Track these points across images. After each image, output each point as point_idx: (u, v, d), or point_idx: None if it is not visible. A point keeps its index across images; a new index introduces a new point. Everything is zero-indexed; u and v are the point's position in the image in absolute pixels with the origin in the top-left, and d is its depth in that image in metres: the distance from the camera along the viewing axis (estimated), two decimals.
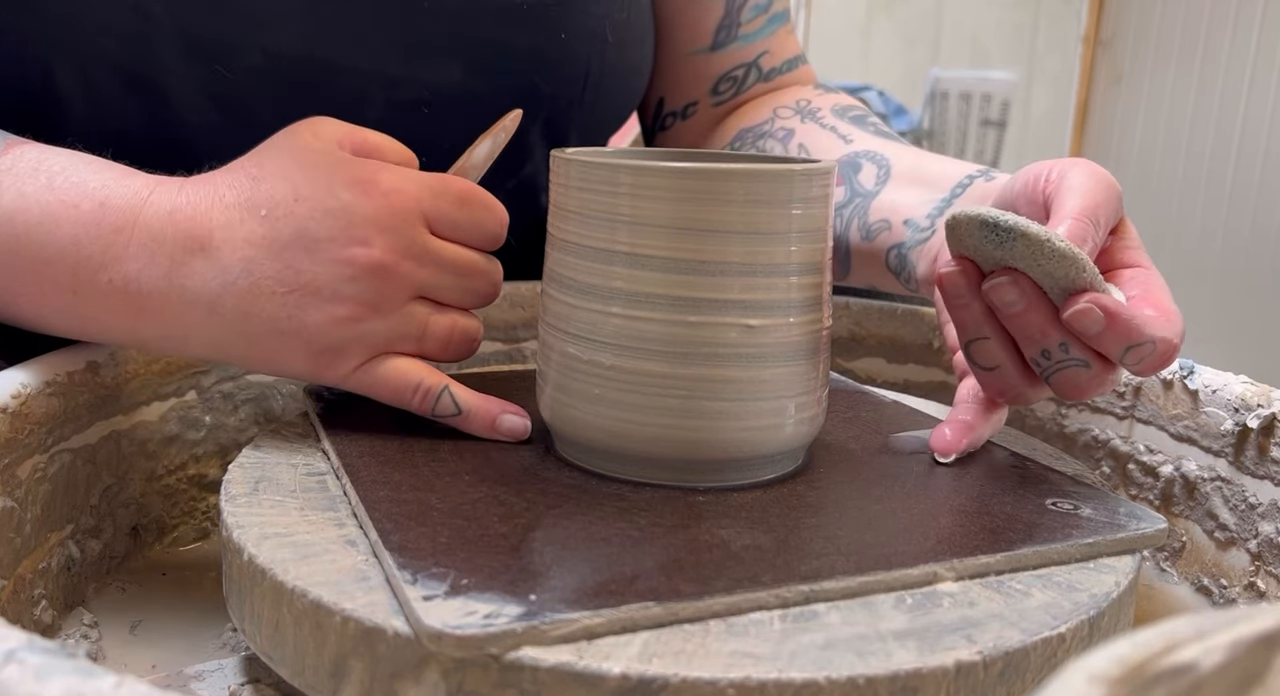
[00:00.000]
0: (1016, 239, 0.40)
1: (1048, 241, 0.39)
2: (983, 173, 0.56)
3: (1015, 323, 0.42)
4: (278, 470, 0.44)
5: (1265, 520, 0.48)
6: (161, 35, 0.53)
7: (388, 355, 0.46)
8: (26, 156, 0.45)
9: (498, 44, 0.60)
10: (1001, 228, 0.40)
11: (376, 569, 0.36)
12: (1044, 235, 0.39)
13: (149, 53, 0.53)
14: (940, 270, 0.43)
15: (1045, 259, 0.40)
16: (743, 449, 0.42)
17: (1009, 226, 0.40)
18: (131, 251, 0.43)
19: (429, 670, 0.31)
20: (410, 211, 0.45)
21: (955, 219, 0.41)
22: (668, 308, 0.41)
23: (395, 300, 0.45)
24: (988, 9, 3.38)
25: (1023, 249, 0.40)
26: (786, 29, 0.74)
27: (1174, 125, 2.83)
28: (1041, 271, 0.40)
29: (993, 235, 0.40)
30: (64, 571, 0.46)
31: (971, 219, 0.41)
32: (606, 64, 0.64)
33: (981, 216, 0.40)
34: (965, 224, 0.41)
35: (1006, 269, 0.41)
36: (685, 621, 0.33)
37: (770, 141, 0.69)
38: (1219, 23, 2.68)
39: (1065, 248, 0.39)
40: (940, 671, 0.31)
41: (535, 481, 0.43)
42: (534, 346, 0.66)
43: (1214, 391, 0.51)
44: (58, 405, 0.45)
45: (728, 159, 0.50)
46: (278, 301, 0.43)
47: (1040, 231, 0.39)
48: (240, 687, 0.41)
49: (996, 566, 0.37)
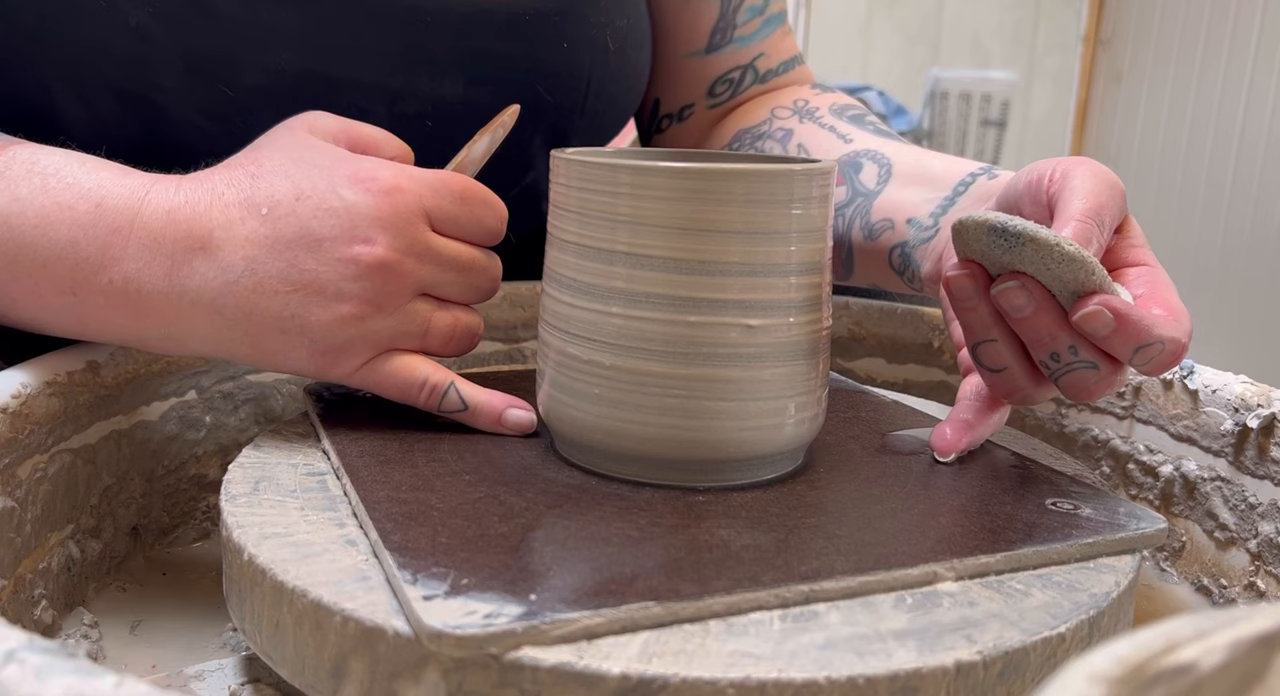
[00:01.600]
0: (1025, 243, 0.40)
1: (1056, 246, 0.39)
2: (985, 170, 0.56)
3: (1024, 326, 0.42)
4: (278, 470, 0.44)
5: (1265, 520, 0.48)
6: (162, 56, 0.52)
7: (392, 352, 0.46)
8: (20, 158, 0.45)
9: (500, 55, 0.60)
10: (1010, 232, 0.40)
11: (376, 569, 0.36)
12: (1053, 239, 0.39)
13: (149, 74, 0.53)
14: (947, 273, 0.43)
15: (1054, 263, 0.40)
16: (743, 449, 0.42)
17: (1017, 231, 0.40)
18: (130, 252, 0.43)
19: (429, 670, 0.31)
20: (412, 209, 0.45)
21: (962, 223, 0.41)
22: (668, 308, 0.41)
23: (398, 298, 0.45)
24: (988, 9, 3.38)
25: (1031, 253, 0.40)
26: (783, 30, 0.74)
27: (1174, 125, 2.83)
28: (1050, 275, 0.40)
29: (1000, 240, 0.40)
30: (64, 571, 0.46)
31: (979, 224, 0.41)
32: (608, 71, 0.64)
33: (989, 221, 0.40)
34: (972, 228, 0.41)
35: (1014, 273, 0.41)
36: (685, 621, 0.33)
37: (769, 142, 0.69)
38: (1219, 23, 2.68)
39: (1074, 251, 0.39)
40: (940, 671, 0.31)
41: (535, 481, 0.43)
42: (534, 346, 0.66)
43: (1214, 391, 0.51)
44: (58, 405, 0.45)
45: (728, 159, 0.50)
46: (281, 300, 0.43)
47: (1049, 236, 0.39)
48: (240, 687, 0.41)
49: (996, 566, 0.37)
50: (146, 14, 0.51)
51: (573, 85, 0.63)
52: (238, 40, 0.53)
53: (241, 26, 0.53)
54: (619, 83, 0.66)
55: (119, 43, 0.52)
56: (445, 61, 0.58)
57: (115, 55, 0.52)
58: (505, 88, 0.60)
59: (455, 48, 0.58)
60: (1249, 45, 2.60)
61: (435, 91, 0.58)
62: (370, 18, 0.56)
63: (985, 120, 3.05)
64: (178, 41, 0.52)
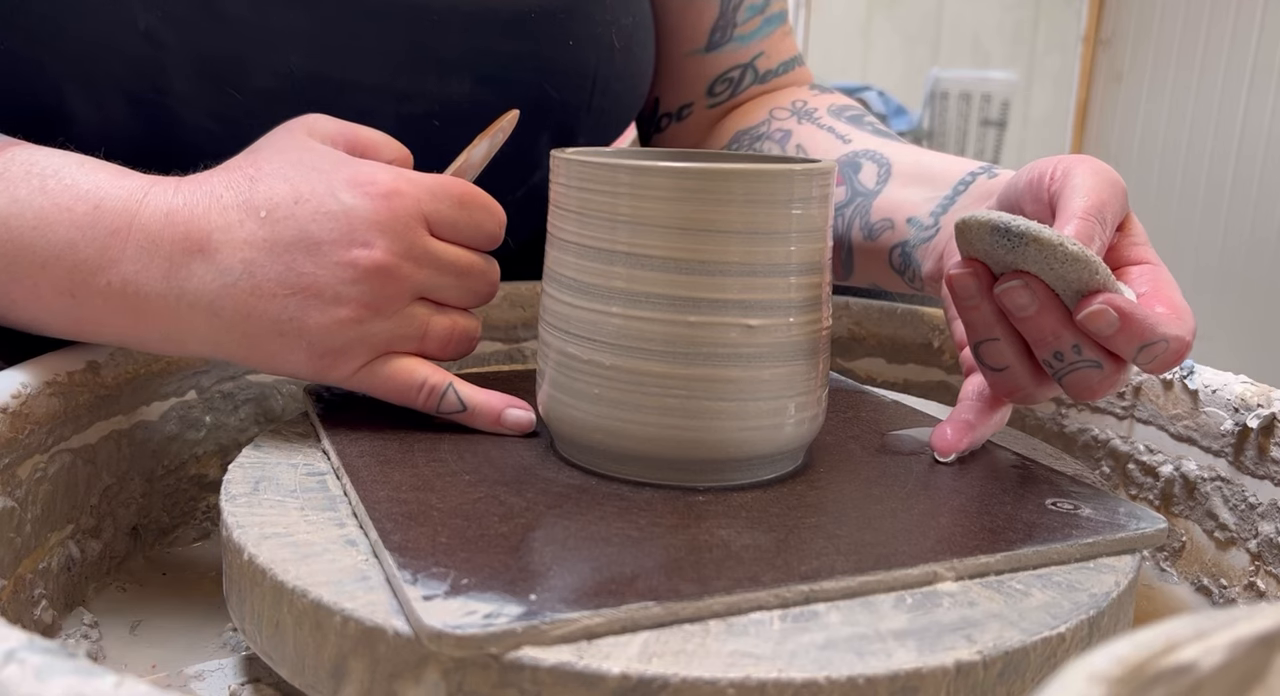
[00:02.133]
0: (1028, 243, 0.40)
1: (1060, 245, 0.39)
2: (985, 169, 0.56)
3: (1027, 325, 0.42)
4: (278, 470, 0.44)
5: (1265, 520, 0.48)
6: (172, 60, 0.53)
7: (390, 355, 0.46)
8: (18, 159, 0.45)
9: (506, 54, 0.60)
10: (1013, 233, 0.40)
11: (376, 569, 0.36)
12: (1056, 239, 0.39)
13: (160, 77, 0.53)
14: (950, 271, 0.43)
15: (1058, 262, 0.39)
16: (743, 449, 0.42)
17: (1020, 231, 0.40)
18: (129, 253, 0.43)
19: (429, 670, 0.31)
20: (410, 213, 0.45)
21: (965, 223, 0.41)
22: (668, 307, 0.41)
23: (396, 301, 0.45)
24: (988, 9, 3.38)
25: (1034, 253, 0.40)
26: (783, 30, 0.74)
27: (1174, 125, 2.83)
28: (1054, 275, 0.40)
29: (1004, 240, 0.40)
30: (64, 571, 0.46)
31: (982, 224, 0.41)
32: (613, 69, 0.64)
33: (992, 221, 0.40)
34: (975, 228, 0.41)
35: (1017, 272, 0.41)
36: (685, 621, 0.33)
37: (767, 143, 0.69)
38: (1219, 23, 2.68)
39: (1078, 251, 0.39)
40: (940, 671, 0.31)
41: (535, 481, 0.43)
42: (534, 346, 0.66)
43: (1214, 391, 0.51)
44: (58, 405, 0.45)
45: (728, 159, 0.50)
46: (279, 303, 0.44)
47: (1052, 236, 0.39)
48: (240, 687, 0.41)
49: (996, 566, 0.37)
50: (156, 17, 0.52)
51: (579, 83, 0.63)
52: (246, 43, 0.53)
53: (250, 29, 0.53)
54: (624, 81, 0.66)
55: (128, 45, 0.52)
56: (451, 61, 0.58)
57: (125, 58, 0.52)
58: (512, 86, 0.60)
59: (461, 47, 0.58)
60: (1249, 45, 2.60)
61: (442, 91, 0.59)
62: (376, 18, 0.56)
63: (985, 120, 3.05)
64: (187, 44, 0.53)
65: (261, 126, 0.51)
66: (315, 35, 0.55)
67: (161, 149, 0.54)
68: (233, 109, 0.54)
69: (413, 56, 0.57)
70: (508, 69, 0.60)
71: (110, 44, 0.52)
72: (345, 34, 0.55)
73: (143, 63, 0.52)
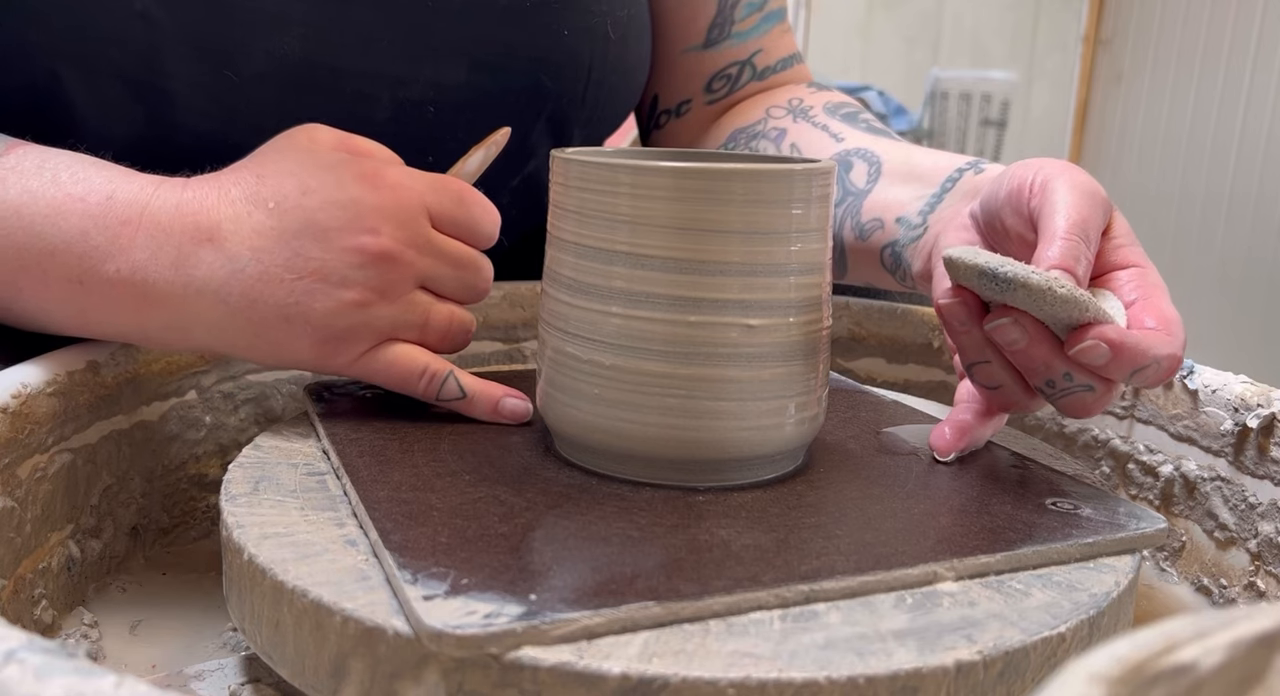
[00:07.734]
0: (1017, 289, 0.40)
1: (1049, 290, 0.39)
2: (971, 165, 0.56)
3: (1019, 357, 0.42)
4: (278, 470, 0.44)
5: (1265, 520, 0.48)
6: (169, 43, 0.53)
7: (392, 342, 0.47)
8: (30, 156, 0.46)
9: (502, 43, 0.60)
10: (1000, 279, 0.40)
11: (376, 569, 0.36)
12: (1044, 284, 0.39)
13: (157, 61, 0.53)
14: (939, 300, 0.43)
15: (1047, 304, 0.39)
16: (743, 449, 0.42)
17: (1008, 278, 0.39)
18: (139, 242, 0.44)
19: (429, 670, 0.31)
20: (415, 205, 0.46)
21: (952, 261, 0.41)
22: (668, 307, 0.41)
23: (401, 288, 0.46)
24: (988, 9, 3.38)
25: (1024, 296, 0.40)
26: (782, 27, 0.74)
27: (1174, 125, 2.83)
28: (1044, 314, 0.40)
29: (992, 283, 0.40)
30: (64, 571, 0.46)
31: (970, 266, 0.41)
32: (608, 61, 0.64)
33: (979, 266, 0.40)
34: (963, 269, 0.41)
35: (1007, 308, 0.41)
36: (685, 621, 0.33)
37: (763, 142, 0.69)
38: (1219, 23, 2.68)
39: (1066, 294, 0.39)
40: (940, 671, 0.31)
41: (535, 481, 0.43)
42: (534, 346, 0.66)
43: (1214, 391, 0.51)
44: (58, 405, 0.45)
45: (728, 159, 0.50)
46: (286, 288, 0.44)
47: (1041, 281, 0.39)
48: (240, 687, 0.41)
49: (996, 566, 0.37)
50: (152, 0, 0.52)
51: (574, 73, 0.63)
52: (243, 26, 0.54)
53: (246, 12, 0.54)
54: (619, 73, 0.66)
55: (125, 29, 0.52)
56: (447, 48, 0.59)
57: (121, 41, 0.53)
58: (507, 75, 0.61)
59: (457, 34, 0.59)
60: (1249, 45, 2.60)
61: (437, 78, 0.59)
62: (373, 4, 0.56)
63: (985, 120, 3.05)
64: (183, 27, 0.53)
65: (258, 110, 0.52)
66: (311, 19, 0.55)
67: (160, 134, 0.55)
68: (229, 93, 0.55)
69: (408, 43, 0.58)
70: (503, 57, 0.60)
71: (107, 27, 0.52)
72: (342, 18, 0.56)
73: (138, 44, 0.53)
